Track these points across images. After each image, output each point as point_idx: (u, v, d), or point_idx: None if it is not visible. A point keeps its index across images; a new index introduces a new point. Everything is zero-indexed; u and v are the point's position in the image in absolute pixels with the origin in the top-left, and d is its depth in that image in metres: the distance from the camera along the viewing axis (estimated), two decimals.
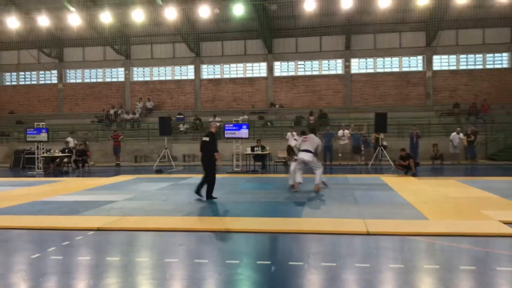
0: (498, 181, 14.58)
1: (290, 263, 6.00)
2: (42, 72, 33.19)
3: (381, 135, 20.98)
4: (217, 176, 11.86)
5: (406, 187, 13.03)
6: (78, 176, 18.92)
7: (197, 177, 16.71)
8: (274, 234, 7.69)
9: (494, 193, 11.56)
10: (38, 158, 21.06)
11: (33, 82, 33.63)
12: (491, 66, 28.81)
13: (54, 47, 31.90)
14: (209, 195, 11.35)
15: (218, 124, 13.21)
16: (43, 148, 21.39)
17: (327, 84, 29.84)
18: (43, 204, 10.94)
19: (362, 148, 22.59)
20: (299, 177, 12.43)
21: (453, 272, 5.58)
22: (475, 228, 7.64)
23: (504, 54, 28.55)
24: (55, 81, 32.99)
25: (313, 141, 12.49)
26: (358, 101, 29.42)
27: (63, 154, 21.45)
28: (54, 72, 32.82)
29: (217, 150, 11.39)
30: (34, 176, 18.89)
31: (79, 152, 21.30)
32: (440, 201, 10.47)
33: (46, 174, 19.64)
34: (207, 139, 11.47)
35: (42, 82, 33.41)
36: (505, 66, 28.65)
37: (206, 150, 11.41)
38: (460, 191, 12.07)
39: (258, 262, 6.08)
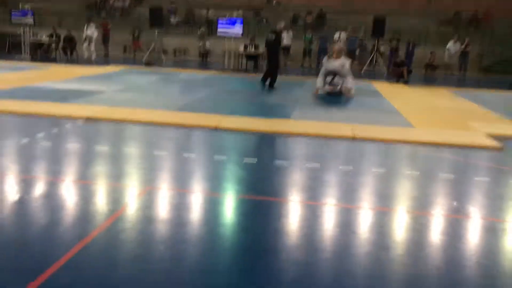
0: (489, 94, 14.69)
1: (276, 161, 6.18)
2: None
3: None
4: (208, 73, 11.81)
5: (397, 94, 13.10)
6: (66, 63, 18.61)
7: (188, 73, 16.62)
8: (262, 133, 7.84)
9: (483, 105, 11.70)
10: (24, 42, 20.54)
11: None
12: None
13: None
14: (271, 85, 13.24)
15: (283, 25, 14.30)
16: (30, 32, 20.77)
17: None
18: (30, 90, 10.88)
19: (357, 53, 22.31)
20: (320, 81, 12.36)
21: (432, 179, 5.81)
22: (460, 138, 7.82)
23: None
24: None
25: (341, 62, 12.21)
26: (358, 3, 28.46)
27: (50, 40, 20.90)
28: None
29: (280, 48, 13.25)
30: (21, 61, 18.55)
31: (67, 39, 20.75)
32: (428, 110, 10.61)
33: (33, 60, 19.28)
34: (272, 37, 13.28)
35: None
36: None
37: (271, 47, 13.35)
38: (450, 102, 12.19)
39: (245, 159, 6.25)
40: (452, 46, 21.75)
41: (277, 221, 4.31)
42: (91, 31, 19.86)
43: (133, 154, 6.33)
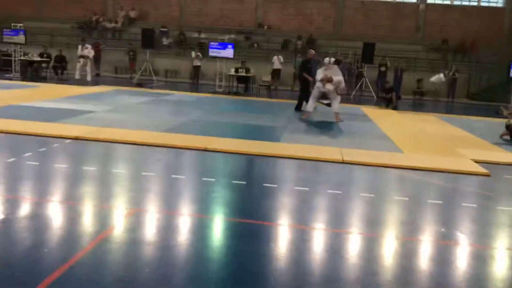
0: (476, 120, 14.85)
1: (265, 184, 6.16)
2: None
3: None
4: (198, 95, 11.82)
5: (386, 119, 13.19)
6: (56, 83, 18.55)
7: (179, 94, 16.64)
8: (251, 156, 7.82)
9: (470, 132, 11.81)
10: (15, 61, 20.48)
11: None
12: (486, 4, 28.31)
13: None
14: (298, 107, 13.72)
15: (313, 52, 14.57)
16: (20, 51, 20.75)
17: (318, 8, 29.04)
18: (19, 109, 10.80)
19: (345, 78, 22.51)
20: (310, 106, 12.29)
21: (420, 205, 5.81)
22: (447, 164, 7.87)
23: None
24: None
25: (336, 72, 12.06)
26: (348, 29, 28.89)
27: (41, 59, 20.87)
28: None
29: (309, 74, 13.32)
30: (11, 79, 18.47)
31: (58, 58, 20.73)
32: (417, 136, 10.69)
33: (23, 78, 19.20)
34: (300, 63, 14.21)
35: None
36: (500, 5, 28.19)
37: (301, 72, 13.91)
38: (438, 128, 12.30)
39: (233, 181, 6.22)
40: (435, 78, 21.94)
41: (266, 245, 4.26)
42: (88, 51, 19.79)
43: (120, 175, 6.27)
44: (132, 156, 7.51)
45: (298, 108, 13.76)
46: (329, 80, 11.74)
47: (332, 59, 12.49)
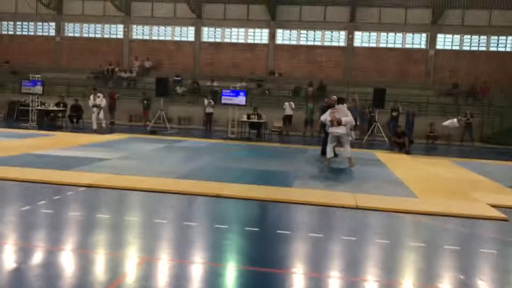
0: (490, 164, 14.69)
1: (278, 231, 6.08)
2: (40, 23, 32.62)
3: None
4: (211, 141, 11.89)
5: (399, 164, 13.11)
6: (72, 131, 18.87)
7: (192, 141, 16.78)
8: (264, 202, 7.77)
9: (485, 175, 11.67)
10: (32, 110, 20.95)
11: (30, 33, 33.07)
12: (495, 49, 28.58)
13: None
14: (323, 152, 13.33)
15: (334, 98, 14.03)
16: (37, 101, 21.25)
17: (328, 55, 29.58)
18: (35, 157, 10.95)
19: (357, 123, 22.59)
20: (329, 152, 12.18)
21: (437, 251, 5.68)
22: (463, 209, 7.73)
23: (510, 37, 28.27)
24: (53, 34, 32.49)
25: (344, 112, 12.03)
26: (358, 75, 29.22)
27: (57, 108, 21.33)
28: (52, 24, 32.28)
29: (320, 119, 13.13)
30: (27, 128, 18.83)
31: (74, 107, 21.17)
32: (431, 180, 10.57)
33: (40, 127, 19.57)
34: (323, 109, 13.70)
35: (40, 33, 32.87)
36: (508, 49, 28.44)
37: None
38: (452, 172, 12.17)
39: (246, 228, 6.16)
40: (449, 123, 21.91)
41: None
42: (100, 99, 20.14)
43: (133, 223, 6.25)
44: (144, 203, 7.51)
45: (324, 152, 13.27)
46: (338, 122, 11.76)
47: (334, 97, 12.66)
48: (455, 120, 21.86)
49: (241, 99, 19.40)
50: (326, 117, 12.14)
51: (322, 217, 7.14)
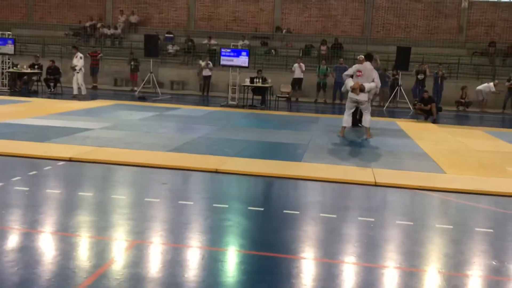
0: None
1: (285, 211, 6.14)
2: None
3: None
4: (208, 109, 11.89)
5: (425, 135, 13.11)
6: (49, 97, 18.86)
7: (187, 108, 16.78)
8: (269, 178, 7.81)
9: None
10: (2, 73, 20.91)
11: None
12: None
13: None
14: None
15: (362, 57, 13.24)
16: (9, 62, 21.19)
17: (344, 8, 29.21)
18: (6, 127, 10.98)
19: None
20: (346, 120, 12.10)
21: (467, 234, 5.73)
22: (497, 186, 7.76)
23: None
24: None
25: (369, 74, 11.82)
26: (379, 31, 28.94)
27: (32, 71, 21.28)
28: None
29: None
30: None
31: (50, 70, 21.10)
32: (461, 154, 10.58)
33: (12, 93, 19.57)
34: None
35: None
36: None
37: None
38: (486, 144, 12.17)
39: (249, 208, 6.22)
40: (484, 87, 21.74)
41: (287, 282, 4.23)
42: (77, 60, 19.99)
43: (121, 202, 6.31)
44: (133, 179, 7.56)
45: (356, 123, 13.17)
46: (361, 88, 11.66)
47: (361, 57, 12.46)
48: (491, 84, 21.70)
49: (243, 60, 19.27)
50: (349, 82, 11.96)
51: (335, 195, 7.18)
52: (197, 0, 30.40)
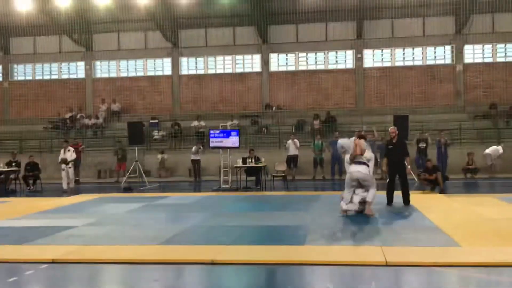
0: None
1: None
2: None
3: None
4: (199, 195, 11.87)
5: (433, 206, 13.05)
6: (27, 195, 18.78)
7: (176, 196, 16.72)
8: (271, 266, 7.67)
9: None
10: None
11: None
12: None
13: None
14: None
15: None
16: None
17: (334, 80, 29.92)
18: None
19: (378, 159, 22.63)
20: (347, 201, 11.77)
21: None
22: None
23: None
24: (0, 79, 32.88)
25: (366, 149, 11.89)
26: (373, 101, 29.51)
27: (9, 169, 21.32)
28: None
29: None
30: None
31: (29, 166, 21.16)
32: (475, 224, 10.50)
33: None
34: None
35: None
36: None
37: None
38: (500, 211, 12.12)
39: None
40: (492, 151, 21.96)
41: None
42: (69, 154, 20.02)
43: None
44: (123, 278, 7.40)
45: (391, 200, 13.32)
46: (361, 152, 11.60)
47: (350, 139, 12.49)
48: (499, 147, 21.93)
49: (233, 140, 19.43)
50: (347, 157, 11.92)
51: (344, 280, 7.04)
52: (181, 83, 31.12)
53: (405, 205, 13.23)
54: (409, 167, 13.38)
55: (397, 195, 13.35)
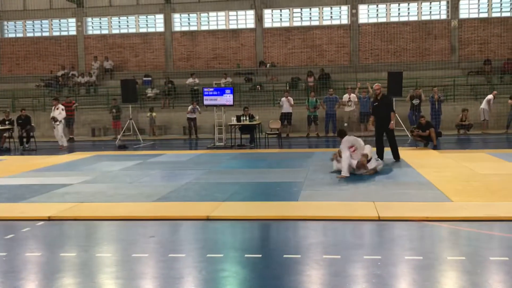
0: None
1: (285, 256, 6.08)
2: None
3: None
4: (194, 152, 11.90)
5: (426, 162, 13.16)
6: (22, 154, 18.80)
7: (171, 154, 16.77)
8: (265, 221, 7.77)
9: None
10: None
11: None
12: None
13: None
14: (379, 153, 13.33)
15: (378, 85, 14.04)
16: None
17: (329, 37, 29.68)
18: None
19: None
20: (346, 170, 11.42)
21: (482, 264, 5.70)
22: (508, 211, 7.77)
23: None
24: None
25: (358, 143, 11.67)
26: (368, 57, 29.37)
27: (3, 127, 21.23)
28: None
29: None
30: None
31: (21, 120, 20.94)
32: (466, 179, 10.61)
33: None
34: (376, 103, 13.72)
35: None
36: None
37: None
38: (491, 167, 12.23)
39: (246, 255, 6.16)
40: (488, 105, 21.97)
41: None
42: (58, 112, 20.07)
43: (107, 260, 6.23)
44: (118, 234, 7.49)
45: (381, 155, 13.45)
46: (363, 164, 11.49)
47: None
48: (490, 96, 21.92)
49: (227, 98, 19.38)
50: (345, 164, 11.57)
51: (337, 234, 7.14)
52: (174, 39, 30.79)
53: (396, 160, 13.51)
54: (392, 122, 13.42)
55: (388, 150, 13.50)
